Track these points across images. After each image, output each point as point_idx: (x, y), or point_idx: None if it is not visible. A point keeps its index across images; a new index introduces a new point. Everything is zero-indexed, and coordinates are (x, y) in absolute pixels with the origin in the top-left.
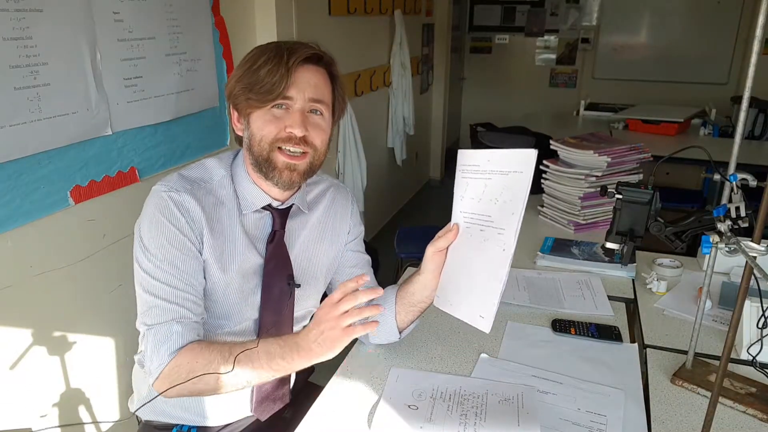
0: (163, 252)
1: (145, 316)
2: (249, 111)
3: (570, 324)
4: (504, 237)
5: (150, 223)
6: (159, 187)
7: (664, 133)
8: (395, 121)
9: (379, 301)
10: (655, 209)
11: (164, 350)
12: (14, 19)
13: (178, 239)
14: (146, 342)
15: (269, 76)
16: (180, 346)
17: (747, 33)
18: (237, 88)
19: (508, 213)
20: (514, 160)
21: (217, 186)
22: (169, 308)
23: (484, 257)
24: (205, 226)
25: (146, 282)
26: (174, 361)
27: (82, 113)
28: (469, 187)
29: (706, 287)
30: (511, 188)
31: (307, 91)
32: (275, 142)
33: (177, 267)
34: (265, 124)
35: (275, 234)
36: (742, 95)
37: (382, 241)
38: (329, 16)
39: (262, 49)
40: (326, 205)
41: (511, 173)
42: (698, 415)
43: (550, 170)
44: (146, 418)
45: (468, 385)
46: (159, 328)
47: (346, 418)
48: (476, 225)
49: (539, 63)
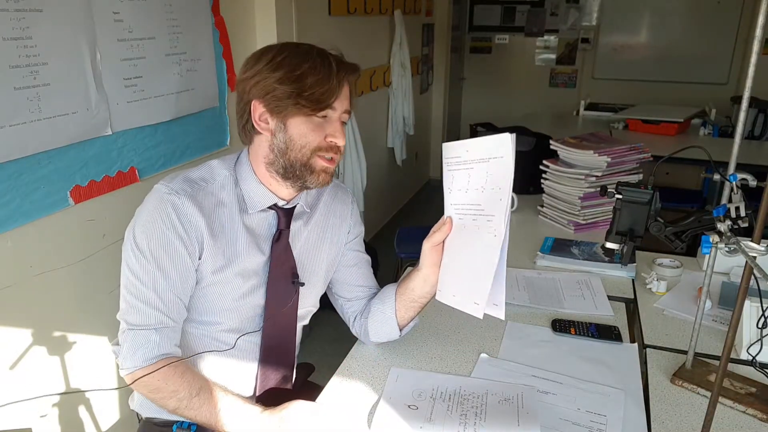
0: (154, 255)
1: (126, 313)
2: (290, 115)
3: (570, 324)
4: (493, 223)
5: (146, 224)
6: (161, 187)
7: (664, 133)
8: (395, 121)
9: (380, 299)
10: (654, 209)
11: (139, 355)
12: (14, 19)
13: (172, 245)
14: (124, 339)
15: (319, 85)
16: (155, 356)
17: (747, 33)
18: (279, 90)
19: (495, 199)
20: (492, 145)
21: (218, 187)
22: (150, 314)
23: (479, 246)
24: (204, 230)
25: (131, 283)
26: (148, 369)
27: (82, 113)
28: (455, 180)
29: (706, 287)
30: (494, 174)
31: (345, 102)
32: (317, 150)
33: (165, 272)
34: (308, 131)
35: (280, 233)
36: (742, 95)
37: (381, 241)
38: (329, 16)
39: (299, 53)
40: (326, 203)
41: (491, 159)
42: (698, 415)
43: (550, 170)
44: (147, 415)
45: (468, 385)
46: (138, 332)
47: (346, 418)
48: (468, 215)
49: (539, 63)
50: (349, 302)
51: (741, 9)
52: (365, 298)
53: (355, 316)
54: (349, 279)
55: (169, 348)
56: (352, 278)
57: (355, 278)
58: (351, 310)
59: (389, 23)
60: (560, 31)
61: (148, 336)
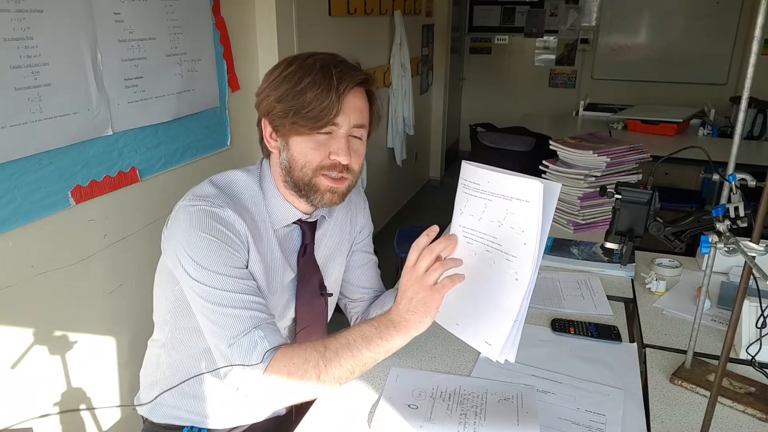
0: (219, 264)
1: (219, 335)
2: (290, 134)
3: (569, 324)
4: (515, 265)
5: (196, 241)
6: (197, 202)
7: (663, 133)
8: (395, 121)
9: (379, 305)
10: (654, 209)
11: (254, 358)
12: (15, 20)
13: (231, 255)
14: (232, 358)
15: (317, 101)
16: (268, 348)
17: (746, 33)
18: (278, 108)
19: (518, 242)
20: (516, 187)
21: (250, 202)
22: (244, 315)
23: (493, 282)
24: (251, 241)
25: (211, 295)
26: (269, 369)
27: (83, 113)
28: (468, 204)
29: (705, 287)
30: (518, 216)
31: (352, 117)
32: (319, 169)
33: (237, 276)
34: (309, 149)
35: (306, 247)
36: (741, 95)
37: (382, 241)
38: (329, 16)
39: (304, 66)
40: (342, 206)
41: (514, 200)
42: (697, 414)
43: (550, 170)
44: (153, 419)
45: (468, 385)
46: (241, 340)
47: (346, 418)
48: (480, 244)
49: (539, 63)
50: (353, 303)
51: (740, 9)
52: (369, 299)
53: (357, 317)
54: (354, 280)
55: (279, 339)
56: (358, 279)
57: (361, 279)
58: (354, 311)
59: (389, 24)
60: (560, 32)
61: (252, 336)
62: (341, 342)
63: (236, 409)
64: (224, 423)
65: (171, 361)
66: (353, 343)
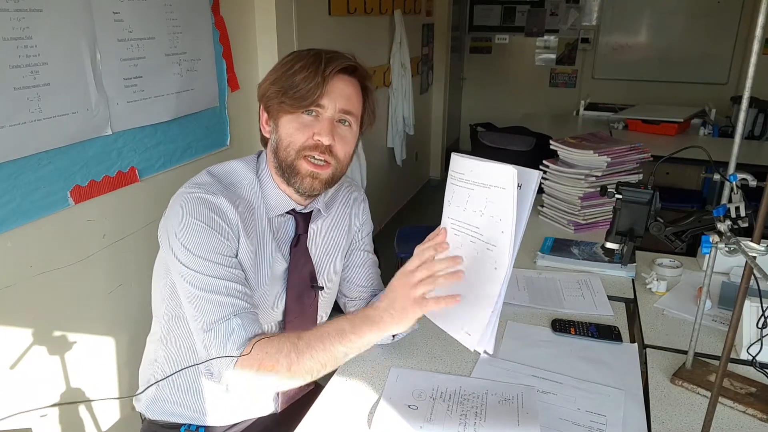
0: (206, 250)
1: (199, 320)
2: (280, 114)
3: (570, 324)
4: (494, 254)
5: (187, 227)
6: (193, 189)
7: (664, 133)
8: (395, 121)
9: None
10: (654, 209)
11: (230, 345)
12: (14, 19)
13: (220, 242)
14: (209, 346)
15: (304, 82)
16: (246, 338)
17: (747, 33)
18: (271, 90)
19: (497, 230)
20: (494, 174)
21: (246, 190)
22: (224, 302)
23: (475, 272)
24: (241, 230)
25: (193, 283)
26: (242, 357)
27: (82, 113)
28: (455, 194)
29: (706, 287)
30: (495, 204)
31: (339, 101)
32: (302, 150)
33: (223, 264)
34: (294, 130)
35: (299, 238)
36: (742, 95)
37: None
38: (329, 16)
39: (300, 54)
40: (341, 205)
41: (492, 187)
42: (698, 414)
43: (550, 170)
44: (152, 417)
45: (468, 385)
46: (219, 326)
47: (346, 418)
48: (465, 234)
49: (539, 63)
50: (352, 301)
51: (741, 9)
52: (368, 298)
53: None
54: (353, 278)
55: (256, 329)
56: (357, 278)
57: (360, 278)
58: (353, 310)
59: (389, 23)
60: (560, 31)
61: (230, 324)
62: (315, 335)
63: (233, 405)
64: (222, 420)
65: (167, 355)
66: (326, 336)
